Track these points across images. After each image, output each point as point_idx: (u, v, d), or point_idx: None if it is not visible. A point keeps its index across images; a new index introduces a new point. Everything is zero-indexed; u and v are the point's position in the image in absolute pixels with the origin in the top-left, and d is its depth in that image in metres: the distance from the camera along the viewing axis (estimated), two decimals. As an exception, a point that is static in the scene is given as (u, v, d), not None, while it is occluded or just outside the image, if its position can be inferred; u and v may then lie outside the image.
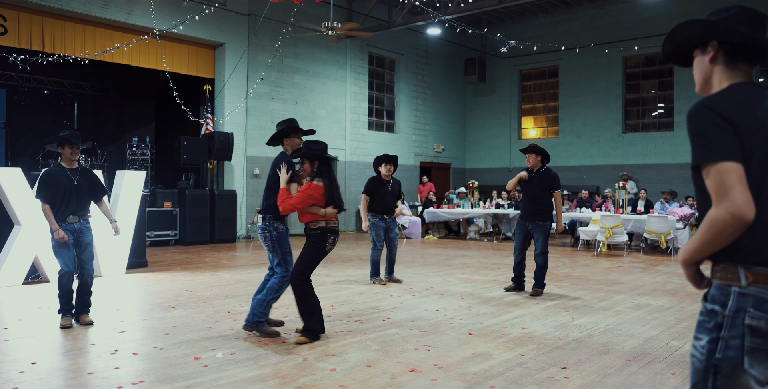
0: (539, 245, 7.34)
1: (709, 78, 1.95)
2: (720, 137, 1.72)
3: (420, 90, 20.44)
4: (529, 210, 7.35)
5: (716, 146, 1.72)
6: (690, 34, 1.96)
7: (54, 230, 5.46)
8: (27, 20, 11.92)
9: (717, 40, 1.91)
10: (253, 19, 15.22)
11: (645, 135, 18.38)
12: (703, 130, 1.75)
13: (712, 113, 1.75)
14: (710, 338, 1.76)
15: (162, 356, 4.52)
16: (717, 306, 1.77)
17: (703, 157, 1.74)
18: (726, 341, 1.73)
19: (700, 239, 1.75)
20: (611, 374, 4.17)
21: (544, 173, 7.35)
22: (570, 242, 14.19)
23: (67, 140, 5.60)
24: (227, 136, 14.23)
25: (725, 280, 1.77)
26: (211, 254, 11.57)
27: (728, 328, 1.73)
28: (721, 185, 1.69)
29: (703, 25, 1.90)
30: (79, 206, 5.66)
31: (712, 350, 1.75)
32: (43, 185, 5.52)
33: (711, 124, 1.74)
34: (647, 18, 17.96)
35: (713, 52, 1.92)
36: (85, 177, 5.77)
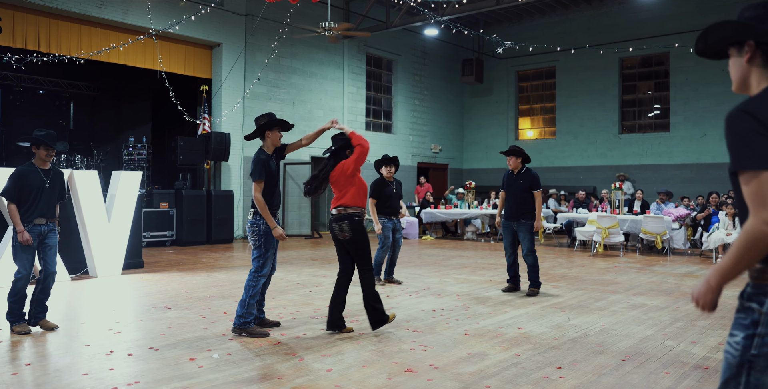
0: (526, 245, 7.42)
1: (746, 78, 1.92)
2: (760, 143, 1.69)
3: (417, 91, 20.45)
4: (513, 210, 7.47)
5: (755, 153, 1.69)
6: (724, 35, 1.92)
7: (19, 232, 5.19)
8: (22, 20, 11.90)
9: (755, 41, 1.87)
10: (250, 19, 15.22)
11: (641, 136, 18.41)
12: (742, 136, 1.72)
13: (752, 119, 1.72)
14: (746, 334, 1.78)
15: (157, 357, 4.52)
16: (754, 303, 1.79)
17: (741, 163, 1.71)
18: (762, 337, 1.75)
19: (738, 254, 1.73)
20: (606, 373, 4.18)
21: (525, 174, 7.49)
22: (566, 243, 14.20)
23: (42, 142, 5.35)
24: (224, 136, 14.22)
25: (762, 280, 1.79)
26: (208, 254, 11.56)
27: (764, 325, 1.75)
28: (759, 194, 1.67)
29: (739, 26, 1.87)
30: (47, 208, 5.41)
31: (747, 346, 1.77)
32: (13, 185, 5.26)
33: (750, 130, 1.71)
34: (643, 19, 17.99)
35: (750, 52, 1.88)
36: (56, 179, 5.54)
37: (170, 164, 15.10)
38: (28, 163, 5.50)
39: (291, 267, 9.74)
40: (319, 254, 11.88)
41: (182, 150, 13.72)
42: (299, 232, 16.40)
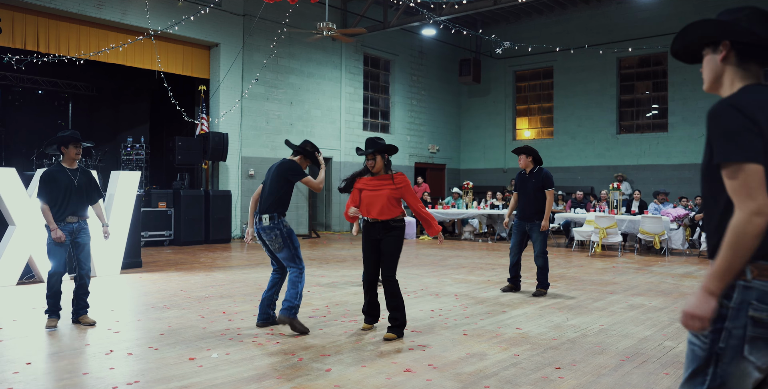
0: (538, 246, 7.38)
1: (719, 77, 1.97)
2: (747, 137, 1.74)
3: (415, 91, 20.46)
4: (526, 211, 7.42)
5: (743, 146, 1.73)
6: (704, 32, 1.98)
7: (52, 230, 5.41)
8: (21, 20, 11.89)
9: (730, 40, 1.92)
10: (248, 19, 15.22)
11: (639, 136, 18.44)
12: (729, 129, 1.77)
13: (739, 114, 1.77)
14: (714, 328, 1.84)
15: (157, 356, 4.52)
16: (723, 299, 1.83)
17: (728, 155, 1.75)
18: (729, 331, 1.82)
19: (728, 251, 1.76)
20: (605, 374, 4.19)
21: (537, 173, 7.43)
22: (564, 243, 14.22)
23: (72, 139, 5.55)
24: (222, 136, 14.22)
25: None
26: (206, 254, 11.56)
27: (732, 319, 1.81)
28: (746, 186, 1.72)
29: (718, 24, 1.93)
30: (78, 207, 5.61)
31: (715, 339, 1.84)
32: (44, 185, 5.47)
33: (737, 123, 1.76)
34: (641, 19, 18.02)
35: (725, 51, 1.94)
36: (85, 178, 5.72)
37: (168, 164, 15.08)
38: (55, 163, 5.68)
39: (289, 267, 9.73)
40: (317, 254, 11.89)
41: (180, 150, 13.72)
42: (297, 232, 16.41)
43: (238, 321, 5.73)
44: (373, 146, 5.20)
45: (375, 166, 5.21)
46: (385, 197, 5.13)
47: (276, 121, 16.02)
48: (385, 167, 5.26)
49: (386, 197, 5.13)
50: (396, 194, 5.16)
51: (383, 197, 5.13)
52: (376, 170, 5.24)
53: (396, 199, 5.18)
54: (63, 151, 5.61)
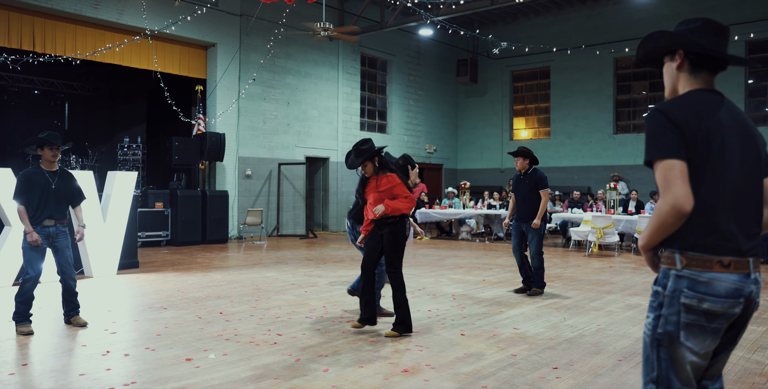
0: (533, 247, 7.43)
1: (675, 83, 2.20)
2: (667, 137, 1.98)
3: (412, 91, 20.46)
4: (522, 211, 7.49)
5: (662, 145, 1.98)
6: (659, 43, 2.21)
7: (27, 233, 5.25)
8: (17, 20, 11.85)
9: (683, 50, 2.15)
10: (245, 19, 15.20)
11: (636, 136, 18.46)
12: (653, 130, 2.02)
13: (662, 116, 2.01)
14: (654, 315, 2.06)
15: (154, 357, 4.51)
16: (660, 287, 2.07)
17: (650, 154, 2.01)
18: (666, 318, 2.02)
19: (650, 227, 2.02)
20: (602, 374, 4.19)
21: (531, 174, 7.51)
22: (561, 243, 14.24)
23: (46, 141, 5.39)
24: (219, 136, 14.20)
25: (666, 264, 2.07)
26: (203, 254, 11.55)
27: (668, 306, 2.03)
28: (665, 179, 1.95)
29: (672, 36, 2.15)
30: (56, 210, 5.44)
31: (655, 326, 2.05)
32: (21, 187, 5.32)
33: (660, 125, 2.01)
34: (638, 20, 18.03)
35: (680, 60, 2.16)
36: (64, 180, 5.56)
37: (165, 164, 15.06)
38: (35, 165, 5.56)
39: (286, 267, 9.74)
40: (314, 254, 11.88)
41: (177, 150, 13.69)
42: (294, 232, 16.40)
43: (236, 322, 5.72)
44: (360, 155, 5.38)
45: (367, 171, 5.43)
46: (374, 199, 5.36)
47: (273, 121, 16.01)
48: (377, 169, 5.42)
49: (375, 199, 5.35)
50: (385, 195, 5.31)
51: (373, 199, 5.37)
52: (368, 175, 5.44)
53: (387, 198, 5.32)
54: (39, 152, 5.47)
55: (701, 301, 1.97)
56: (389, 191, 5.32)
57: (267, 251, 12.26)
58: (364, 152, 5.35)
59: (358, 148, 5.38)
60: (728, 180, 2.02)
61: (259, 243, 13.96)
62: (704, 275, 1.99)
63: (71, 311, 5.57)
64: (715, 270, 1.98)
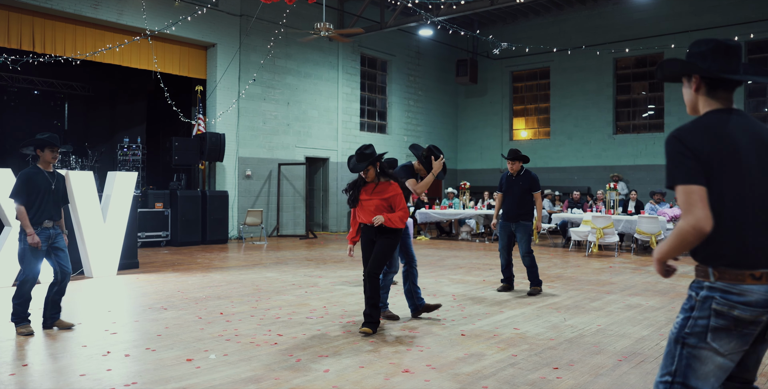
0: (523, 246, 7.48)
1: (695, 104, 2.32)
2: (685, 163, 2.12)
3: (412, 91, 20.46)
4: (512, 212, 7.53)
5: (681, 171, 2.12)
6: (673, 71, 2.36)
7: (29, 234, 5.20)
8: (17, 20, 11.85)
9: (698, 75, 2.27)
10: (245, 19, 15.20)
11: (636, 136, 18.47)
12: (672, 157, 2.16)
13: (680, 144, 2.15)
14: (684, 316, 2.21)
15: (154, 357, 4.51)
16: (693, 292, 2.22)
17: (672, 180, 2.15)
18: (695, 320, 2.16)
19: (669, 244, 2.16)
20: (603, 374, 4.19)
21: (524, 176, 7.55)
22: (561, 243, 14.24)
23: (48, 143, 5.37)
24: (219, 137, 14.20)
25: (700, 276, 2.21)
26: (203, 255, 11.54)
27: (698, 310, 2.16)
28: (686, 202, 2.09)
29: (684, 64, 2.28)
30: (55, 211, 5.43)
31: (683, 325, 2.19)
32: (22, 187, 5.28)
33: (678, 152, 2.14)
34: (638, 20, 18.04)
35: (696, 84, 2.28)
36: (60, 182, 5.55)
37: (165, 164, 15.06)
38: (32, 165, 5.50)
39: (286, 268, 9.74)
40: (314, 254, 11.88)
41: (177, 151, 13.69)
42: (294, 232, 16.40)
43: (236, 322, 5.72)
44: (363, 159, 5.38)
45: (369, 176, 5.43)
46: (374, 205, 5.37)
47: (273, 121, 16.01)
48: (379, 175, 5.44)
49: (375, 206, 5.37)
50: (385, 203, 5.36)
51: (373, 206, 5.38)
52: (369, 179, 5.44)
53: (386, 206, 5.37)
54: (39, 153, 5.42)
55: (732, 308, 2.10)
56: (389, 199, 5.34)
57: (267, 252, 12.26)
58: (367, 157, 5.36)
59: (362, 152, 5.40)
60: (752, 196, 2.14)
61: (259, 243, 13.96)
62: (736, 287, 2.11)
63: (55, 314, 5.44)
64: (747, 283, 2.11)
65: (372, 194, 5.39)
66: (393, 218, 5.29)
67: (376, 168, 5.41)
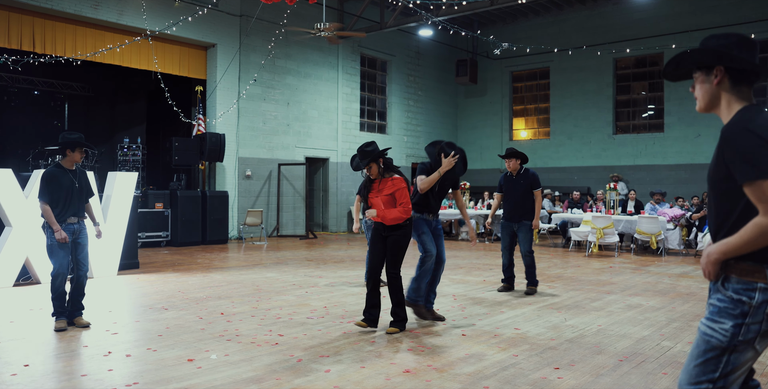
0: (525, 245, 7.50)
1: (716, 100, 2.19)
2: (762, 156, 1.96)
3: (411, 91, 20.47)
4: (514, 211, 7.53)
5: (758, 165, 1.95)
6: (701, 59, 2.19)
7: (56, 231, 5.41)
8: (17, 20, 11.85)
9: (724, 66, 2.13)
10: (245, 20, 15.21)
11: (635, 136, 18.47)
12: (748, 151, 1.99)
13: (753, 135, 1.99)
14: (734, 323, 2.06)
15: (156, 357, 4.52)
16: (744, 297, 2.06)
17: (750, 175, 1.97)
18: (748, 326, 2.04)
19: (745, 239, 1.99)
20: (604, 374, 4.20)
21: (524, 175, 7.54)
22: (561, 243, 14.24)
23: (80, 144, 5.59)
24: (219, 137, 14.20)
25: (749, 277, 2.05)
26: (203, 255, 11.55)
27: (752, 315, 2.04)
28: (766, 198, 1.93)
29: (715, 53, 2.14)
30: (79, 208, 5.66)
31: (735, 333, 2.05)
32: (46, 185, 5.48)
33: (755, 145, 1.98)
34: (638, 20, 18.05)
35: (720, 76, 2.14)
36: (82, 179, 5.76)
37: (165, 164, 15.05)
38: (54, 164, 5.70)
39: (286, 268, 9.74)
40: (315, 254, 11.88)
41: (177, 151, 13.70)
42: (294, 232, 16.40)
43: (237, 322, 5.72)
44: (365, 157, 5.41)
45: (372, 173, 5.46)
46: (382, 202, 5.37)
47: (273, 121, 16.01)
48: (382, 171, 5.45)
49: (383, 202, 5.37)
50: (389, 198, 5.36)
51: (381, 202, 5.38)
52: (374, 177, 5.47)
53: (393, 201, 5.35)
54: (68, 153, 5.63)
55: None
56: (393, 194, 5.34)
57: (267, 252, 12.26)
58: (368, 154, 5.38)
59: (363, 149, 5.41)
60: None
61: (259, 244, 13.96)
62: None
63: (75, 311, 5.62)
64: None
65: (377, 192, 5.42)
66: (389, 215, 5.28)
67: (379, 165, 5.42)
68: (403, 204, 5.33)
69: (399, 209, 5.31)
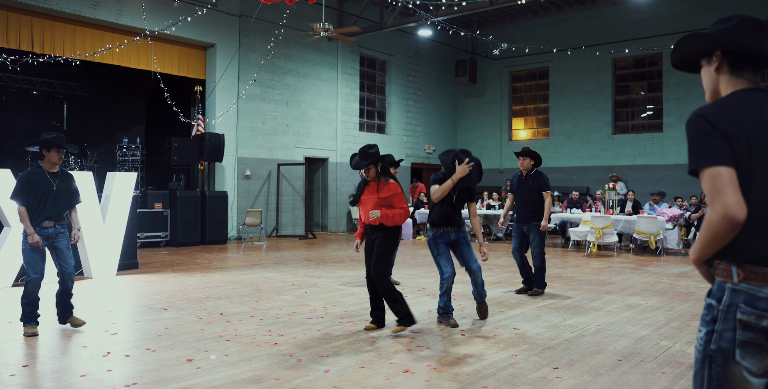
0: (535, 246, 7.44)
1: (716, 86, 2.06)
2: (711, 143, 1.84)
3: (411, 91, 20.47)
4: (523, 212, 7.49)
5: (707, 152, 1.83)
6: (694, 46, 2.08)
7: (28, 234, 5.23)
8: (16, 20, 11.84)
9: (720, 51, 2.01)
10: (244, 20, 15.20)
11: (634, 136, 18.48)
12: (695, 137, 1.88)
13: (704, 121, 1.87)
14: (707, 330, 1.90)
15: (155, 358, 4.52)
16: (714, 300, 1.90)
17: (695, 162, 1.86)
18: (720, 333, 1.86)
19: (701, 239, 1.87)
20: (603, 374, 4.20)
21: (534, 176, 7.50)
22: (560, 243, 14.25)
23: (54, 143, 5.35)
24: (218, 137, 14.20)
25: (721, 277, 1.90)
26: (202, 255, 11.54)
27: (722, 321, 1.86)
28: (713, 188, 1.80)
29: (706, 37, 2.03)
30: (54, 212, 5.40)
31: (708, 341, 1.89)
32: (21, 188, 5.29)
33: (702, 131, 1.86)
34: (636, 20, 18.06)
35: (718, 61, 2.03)
36: (64, 182, 5.51)
37: (164, 164, 15.06)
38: (35, 166, 5.50)
39: (286, 268, 9.74)
40: (314, 254, 11.88)
41: (176, 151, 13.69)
42: (293, 233, 16.40)
43: (236, 323, 5.72)
44: (366, 158, 5.42)
45: (369, 175, 5.47)
46: (372, 203, 5.40)
47: (272, 121, 16.01)
48: (379, 175, 5.46)
49: (373, 204, 5.39)
50: (384, 202, 5.36)
51: (371, 204, 5.40)
52: (370, 178, 5.48)
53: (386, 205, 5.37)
54: (45, 153, 5.41)
55: (760, 318, 1.79)
56: (389, 198, 5.36)
57: (266, 252, 12.26)
58: (371, 156, 5.40)
59: (366, 151, 5.43)
60: None
61: (259, 244, 13.96)
62: (764, 290, 1.81)
63: (66, 312, 5.51)
64: None
65: (371, 193, 5.42)
66: (390, 215, 5.29)
67: (377, 168, 5.44)
68: (402, 208, 5.37)
69: (399, 211, 5.33)
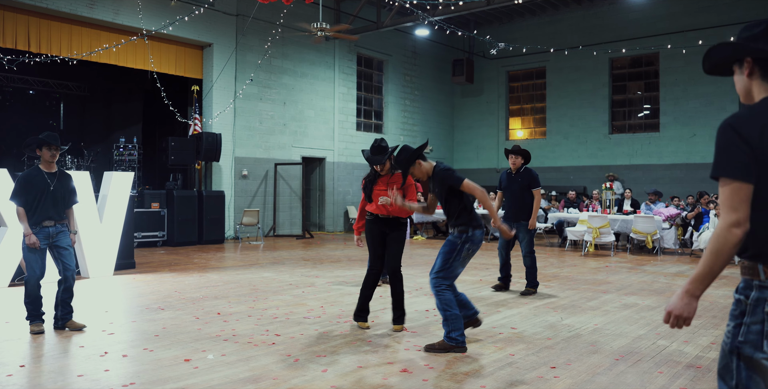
0: (525, 246, 7.43)
1: (749, 91, 2.12)
2: (736, 156, 1.92)
3: (408, 91, 20.47)
4: (512, 210, 7.48)
5: (731, 165, 1.92)
6: (724, 54, 2.14)
7: (26, 235, 5.25)
8: (12, 20, 11.81)
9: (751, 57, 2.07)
10: (241, 19, 15.19)
11: (631, 136, 18.51)
12: (723, 146, 1.95)
13: (733, 133, 1.94)
14: (735, 323, 2.01)
15: (152, 358, 4.51)
16: (742, 296, 2.01)
17: (718, 171, 1.95)
18: (748, 326, 1.97)
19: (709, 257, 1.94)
20: (600, 373, 4.21)
21: (524, 173, 7.49)
22: (557, 243, 14.27)
23: (44, 142, 5.38)
24: (215, 137, 14.18)
25: (748, 275, 2.00)
26: (200, 255, 11.53)
27: (750, 315, 1.97)
28: (728, 200, 1.91)
29: (735, 46, 2.08)
30: (54, 212, 5.43)
31: (735, 333, 1.99)
32: (20, 189, 5.33)
33: (730, 142, 1.94)
34: (633, 20, 18.09)
35: (749, 68, 2.08)
36: (62, 182, 5.53)
37: (161, 164, 15.03)
38: (34, 167, 5.54)
39: (283, 268, 9.73)
40: (311, 254, 11.87)
41: (173, 150, 13.67)
42: (290, 232, 16.39)
43: (233, 322, 5.72)
44: (380, 152, 5.43)
45: (383, 169, 5.50)
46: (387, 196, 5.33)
47: (269, 121, 16.00)
48: (392, 167, 5.54)
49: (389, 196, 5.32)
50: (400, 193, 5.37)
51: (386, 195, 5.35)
52: (384, 173, 5.52)
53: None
54: (38, 153, 5.45)
55: None
56: (404, 189, 5.43)
57: (264, 252, 12.25)
58: (384, 150, 5.45)
59: (379, 145, 5.45)
60: None
61: (256, 243, 13.95)
62: None
63: (66, 315, 5.49)
64: None
65: (386, 185, 5.45)
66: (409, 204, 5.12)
67: (391, 161, 5.51)
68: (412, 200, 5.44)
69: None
